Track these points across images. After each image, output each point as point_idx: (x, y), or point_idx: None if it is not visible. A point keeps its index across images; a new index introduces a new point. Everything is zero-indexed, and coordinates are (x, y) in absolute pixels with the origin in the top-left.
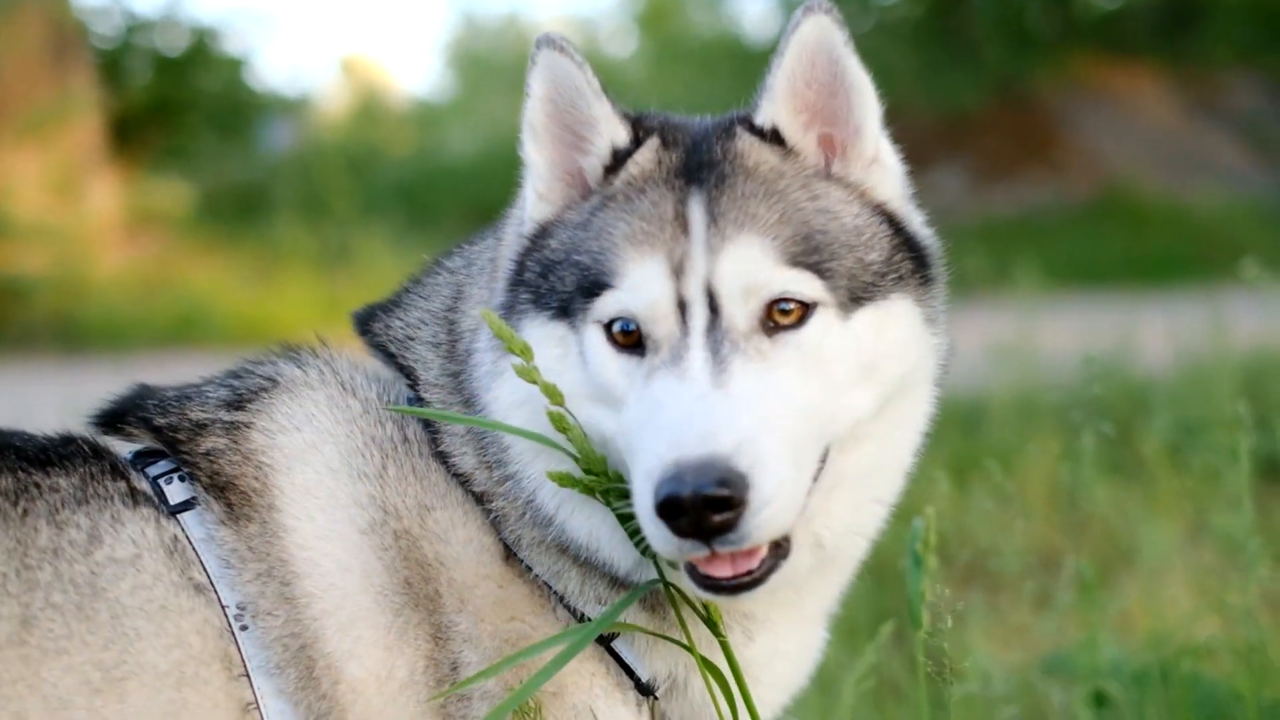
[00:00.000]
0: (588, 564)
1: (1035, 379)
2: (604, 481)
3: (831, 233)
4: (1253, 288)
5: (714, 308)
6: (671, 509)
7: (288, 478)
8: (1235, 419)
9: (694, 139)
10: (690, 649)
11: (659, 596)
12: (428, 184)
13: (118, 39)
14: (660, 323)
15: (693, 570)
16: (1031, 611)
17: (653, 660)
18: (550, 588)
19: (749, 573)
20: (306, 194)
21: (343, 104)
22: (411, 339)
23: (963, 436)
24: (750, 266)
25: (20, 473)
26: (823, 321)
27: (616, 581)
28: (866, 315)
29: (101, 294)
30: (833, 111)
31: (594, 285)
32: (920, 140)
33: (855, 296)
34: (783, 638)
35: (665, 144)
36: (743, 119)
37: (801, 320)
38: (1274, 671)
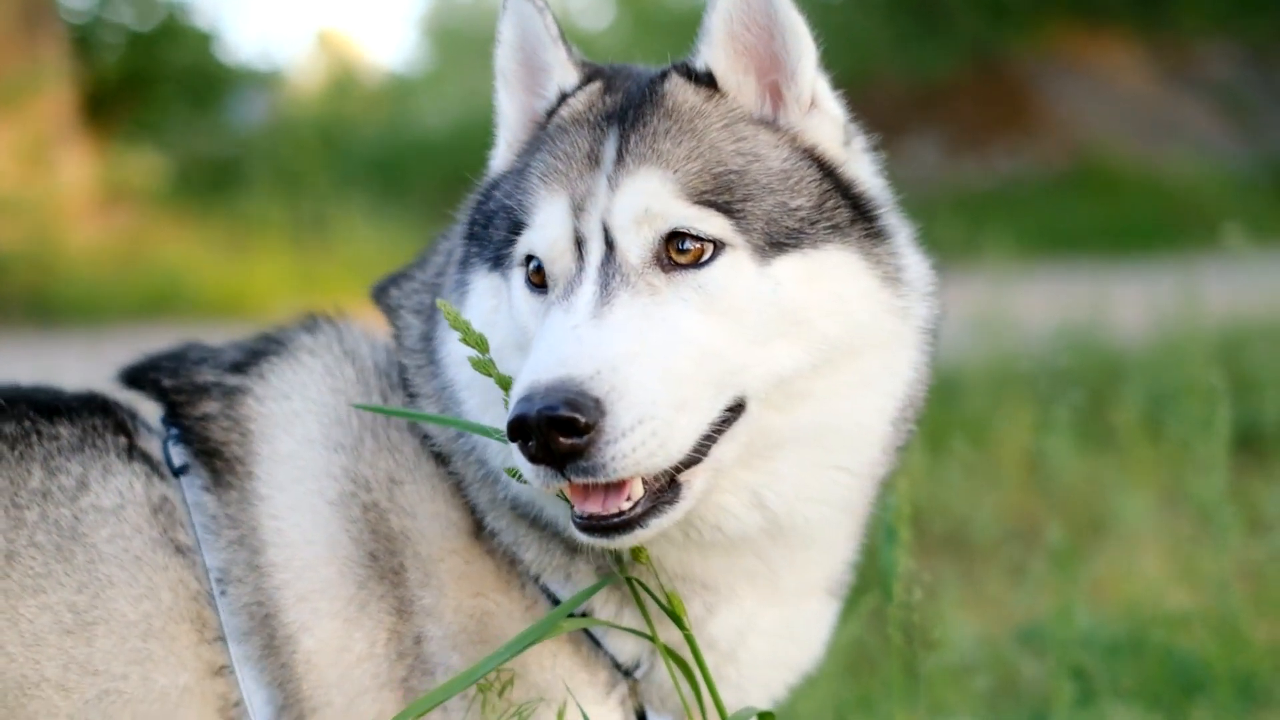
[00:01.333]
0: (539, 525)
1: (1010, 348)
2: None
3: (750, 174)
4: (1234, 254)
5: (611, 244)
6: (519, 429)
7: (269, 445)
8: (1210, 389)
9: (636, 85)
10: (652, 637)
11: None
12: (402, 157)
13: (89, 12)
14: (559, 260)
15: (572, 511)
16: (1006, 581)
17: (623, 641)
18: (515, 560)
19: (621, 513)
20: (280, 167)
21: (317, 77)
22: (401, 307)
23: (937, 407)
24: (644, 199)
25: (26, 420)
26: (731, 263)
27: (575, 550)
28: (791, 263)
29: (74, 267)
30: (772, 55)
31: (515, 226)
32: (893, 109)
33: (776, 242)
34: (756, 614)
35: (606, 89)
36: (680, 64)
37: (704, 260)
38: (1245, 642)
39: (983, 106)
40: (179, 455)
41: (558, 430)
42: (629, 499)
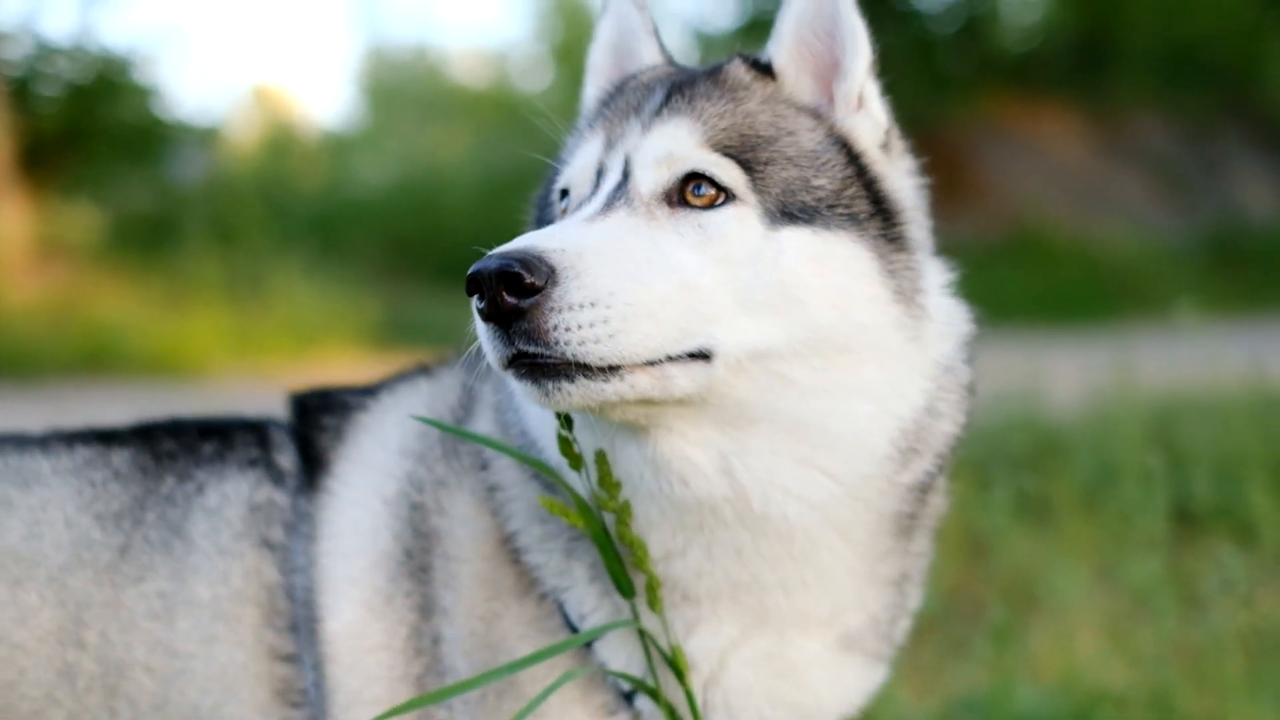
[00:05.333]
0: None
1: None
2: (595, 524)
3: (778, 143)
4: (1181, 329)
5: (629, 175)
6: (474, 283)
7: (355, 448)
8: (1146, 471)
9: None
10: (655, 694)
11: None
12: (340, 216)
13: (26, 64)
14: (580, 186)
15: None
16: (946, 655)
17: (615, 656)
18: (534, 573)
19: (547, 356)
20: (218, 223)
21: (254, 133)
22: None
23: None
24: (669, 142)
25: (185, 438)
26: (737, 215)
27: (570, 551)
28: (799, 236)
29: (9, 322)
30: (832, 58)
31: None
32: None
33: (789, 212)
34: (738, 640)
35: (675, 68)
36: (747, 54)
37: (713, 206)
38: (1179, 718)
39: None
40: (294, 462)
41: (505, 286)
42: (559, 343)
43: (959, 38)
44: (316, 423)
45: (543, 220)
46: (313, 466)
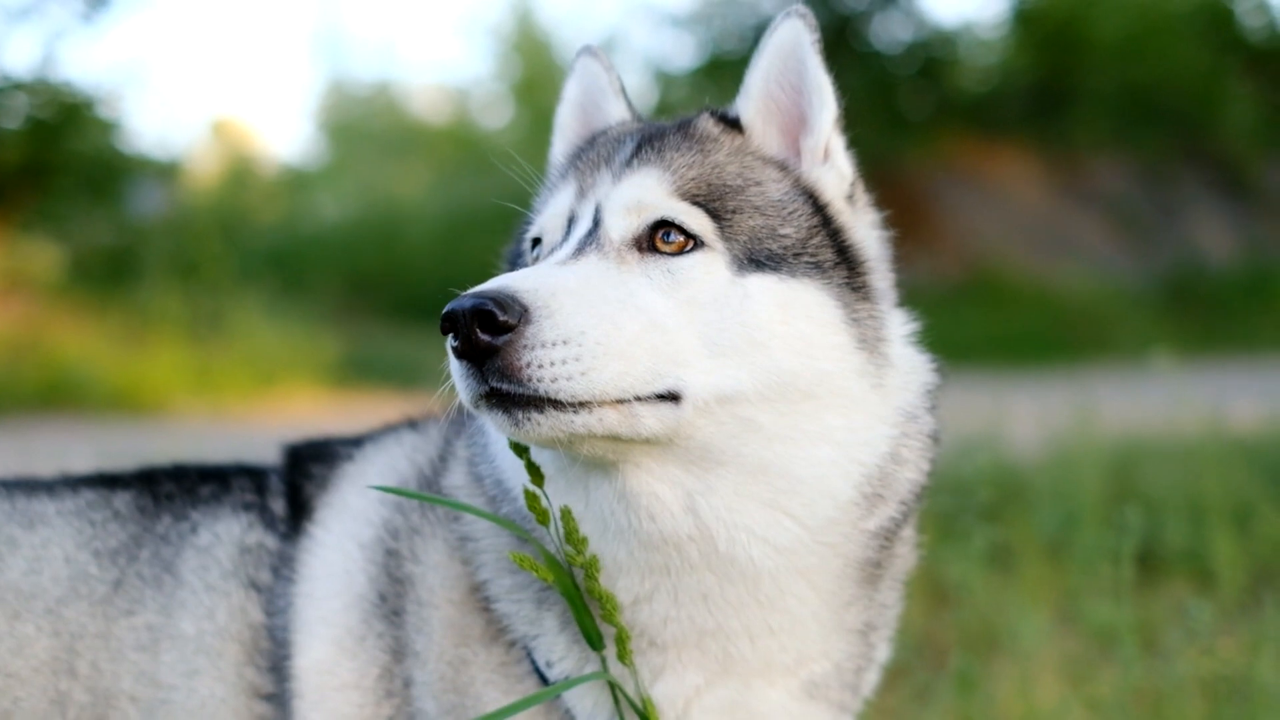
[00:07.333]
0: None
1: None
2: (564, 578)
3: (745, 193)
4: (1151, 373)
5: (599, 223)
6: (450, 321)
7: (336, 495)
8: (1108, 516)
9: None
10: None
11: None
12: (299, 252)
13: None
14: (551, 233)
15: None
16: (911, 701)
17: (582, 701)
18: (503, 621)
19: (519, 393)
20: (178, 259)
21: (214, 167)
22: None
23: None
24: (639, 191)
25: (185, 482)
26: (705, 261)
27: (541, 601)
28: (766, 282)
29: None
30: (799, 113)
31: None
32: None
33: (755, 259)
34: (702, 689)
35: (644, 123)
36: (715, 108)
37: (682, 253)
38: None
39: (877, 216)
40: (283, 509)
41: (480, 324)
42: (531, 379)
43: (918, 79)
44: (306, 470)
45: (512, 267)
46: (299, 512)
